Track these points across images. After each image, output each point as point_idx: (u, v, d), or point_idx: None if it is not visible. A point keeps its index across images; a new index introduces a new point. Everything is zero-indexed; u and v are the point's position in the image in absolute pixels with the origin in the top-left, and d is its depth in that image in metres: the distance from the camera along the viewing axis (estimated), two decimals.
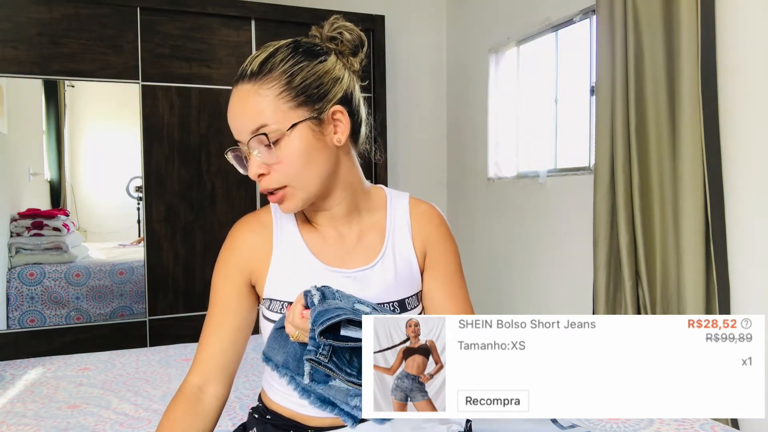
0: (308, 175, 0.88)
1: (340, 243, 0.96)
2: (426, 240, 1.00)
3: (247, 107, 0.86)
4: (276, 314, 0.93)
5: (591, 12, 2.54)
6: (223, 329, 0.96)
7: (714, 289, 1.92)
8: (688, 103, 1.92)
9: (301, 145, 0.86)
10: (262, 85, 0.85)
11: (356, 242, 0.97)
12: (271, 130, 0.84)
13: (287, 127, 0.85)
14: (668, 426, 1.26)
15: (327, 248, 0.96)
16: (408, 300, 0.97)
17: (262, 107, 0.85)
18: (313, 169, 0.88)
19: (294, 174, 0.87)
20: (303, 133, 0.86)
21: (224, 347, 0.96)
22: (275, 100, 0.85)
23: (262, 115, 0.85)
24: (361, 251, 0.96)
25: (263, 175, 0.88)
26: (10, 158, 2.73)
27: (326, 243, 0.96)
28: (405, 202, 1.02)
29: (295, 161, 0.86)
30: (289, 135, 0.85)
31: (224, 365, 0.96)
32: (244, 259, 0.95)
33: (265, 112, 0.85)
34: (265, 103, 0.85)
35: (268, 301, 0.95)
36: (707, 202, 1.92)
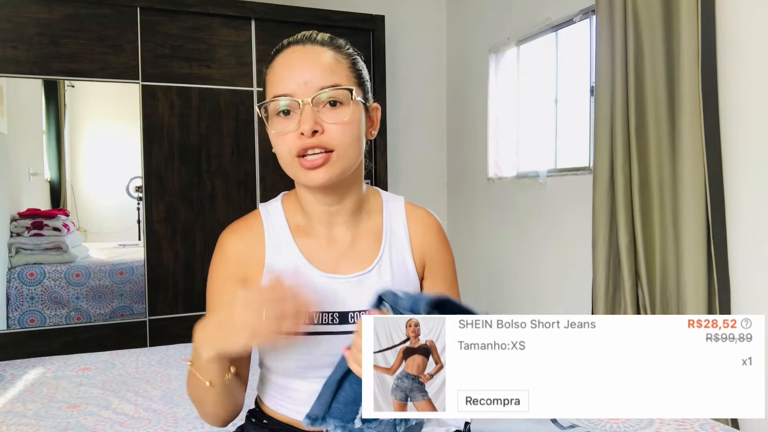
0: (354, 150, 0.88)
1: (334, 248, 0.95)
2: (425, 248, 1.00)
3: (323, 62, 0.86)
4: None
5: (591, 12, 2.54)
6: None
7: (714, 289, 1.92)
8: (688, 103, 1.92)
9: (359, 118, 0.89)
10: (338, 52, 0.89)
11: (351, 247, 0.95)
12: (342, 92, 0.86)
13: (354, 97, 0.87)
14: (668, 426, 1.26)
15: (321, 254, 0.94)
16: None
17: (339, 69, 0.87)
18: (358, 146, 0.89)
19: (347, 141, 0.86)
20: (360, 112, 0.89)
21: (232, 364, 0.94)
22: (348, 70, 0.88)
23: (337, 74, 0.86)
24: (356, 256, 0.95)
25: (316, 133, 0.84)
26: (10, 158, 2.73)
27: (320, 248, 0.95)
28: (401, 207, 1.01)
29: (353, 128, 0.87)
30: (354, 102, 0.87)
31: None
32: (239, 269, 0.93)
33: (341, 75, 0.87)
34: (341, 67, 0.88)
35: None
36: (707, 202, 1.92)
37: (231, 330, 0.76)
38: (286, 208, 0.97)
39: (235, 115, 2.91)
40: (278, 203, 0.98)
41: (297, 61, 0.87)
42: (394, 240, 0.98)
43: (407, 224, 0.99)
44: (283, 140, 0.86)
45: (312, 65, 0.86)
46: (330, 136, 0.85)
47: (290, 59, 0.87)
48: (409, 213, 1.01)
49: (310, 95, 0.84)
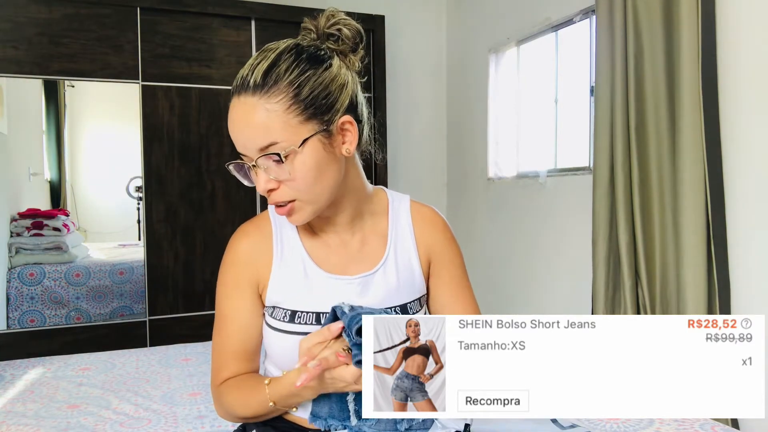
0: (319, 188, 0.86)
1: (342, 250, 0.95)
2: (431, 246, 1.00)
3: (254, 123, 0.81)
4: (279, 322, 0.92)
5: (591, 12, 2.53)
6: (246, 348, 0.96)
7: (714, 289, 1.92)
8: (688, 103, 1.92)
9: (312, 160, 0.83)
10: (269, 99, 0.81)
11: (358, 248, 0.96)
12: (281, 147, 0.81)
13: (298, 143, 0.82)
14: (668, 426, 1.26)
15: (329, 255, 0.95)
16: (410, 305, 0.96)
17: (271, 123, 0.81)
18: (324, 182, 0.86)
19: (305, 189, 0.85)
20: (314, 148, 0.83)
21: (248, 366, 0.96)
22: (284, 115, 0.81)
23: (271, 132, 0.81)
24: (362, 257, 0.95)
25: (273, 189, 0.85)
26: (10, 158, 2.73)
27: (328, 250, 0.95)
28: (406, 206, 1.01)
29: (307, 176, 0.83)
30: (300, 151, 0.82)
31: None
32: (250, 271, 0.94)
33: (275, 129, 0.81)
34: (273, 119, 0.81)
35: (271, 308, 0.94)
36: (707, 202, 1.92)
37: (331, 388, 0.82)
38: None
39: None
40: None
41: (234, 121, 0.84)
42: (400, 241, 0.98)
43: (413, 224, 1.00)
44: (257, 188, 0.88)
45: (245, 126, 0.82)
46: (284, 191, 0.85)
47: (231, 117, 0.85)
48: (414, 212, 1.01)
49: (253, 158, 0.83)
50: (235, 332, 0.95)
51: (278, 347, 0.92)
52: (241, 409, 0.92)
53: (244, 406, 0.92)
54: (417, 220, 1.00)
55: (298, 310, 0.91)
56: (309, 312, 0.91)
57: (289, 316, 0.91)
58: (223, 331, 0.95)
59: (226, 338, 0.95)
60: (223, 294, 0.95)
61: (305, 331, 0.89)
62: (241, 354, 0.95)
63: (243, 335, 0.95)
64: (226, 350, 0.95)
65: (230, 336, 0.95)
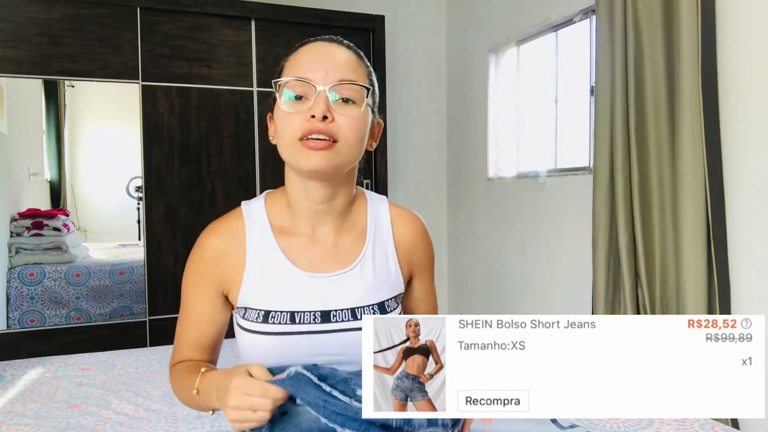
0: (357, 148, 0.90)
1: (316, 247, 0.95)
2: (413, 250, 1.02)
3: (346, 59, 0.90)
4: (252, 323, 0.91)
5: (591, 12, 2.54)
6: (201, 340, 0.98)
7: (714, 289, 1.92)
8: (688, 103, 1.92)
9: (366, 122, 0.90)
10: (359, 59, 0.93)
11: (333, 246, 0.95)
12: (359, 90, 0.88)
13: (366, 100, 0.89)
14: (668, 426, 1.26)
15: (303, 253, 0.94)
16: (387, 302, 0.96)
17: (360, 70, 0.91)
18: (360, 146, 0.91)
19: (352, 135, 0.88)
20: (368, 116, 0.91)
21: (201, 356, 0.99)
22: (365, 76, 0.91)
23: (357, 74, 0.89)
24: (338, 255, 0.95)
25: (326, 119, 0.85)
26: (10, 158, 2.73)
27: (302, 248, 0.94)
28: (385, 207, 1.02)
29: (360, 126, 0.89)
30: (366, 105, 0.89)
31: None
32: (216, 270, 0.93)
33: (360, 75, 0.90)
34: (361, 70, 0.91)
35: (243, 309, 0.93)
36: (707, 202, 1.92)
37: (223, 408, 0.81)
38: (270, 207, 0.97)
39: (235, 115, 2.91)
40: (261, 202, 0.98)
41: (321, 52, 0.90)
42: (378, 240, 0.98)
43: (392, 225, 1.00)
44: (289, 121, 0.86)
45: (335, 59, 0.89)
46: (338, 126, 0.87)
47: (315, 50, 0.90)
48: (395, 215, 1.02)
49: (330, 84, 0.86)
50: (192, 324, 0.98)
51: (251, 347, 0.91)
52: (179, 392, 0.97)
53: (181, 388, 0.95)
54: (398, 222, 1.01)
55: (272, 310, 0.90)
56: (283, 311, 0.90)
57: (263, 317, 0.90)
58: (183, 321, 0.99)
59: (184, 328, 0.99)
60: (186, 287, 0.98)
61: (279, 330, 0.89)
62: (196, 344, 0.98)
63: (200, 328, 0.98)
64: (183, 338, 0.99)
65: (188, 327, 0.98)
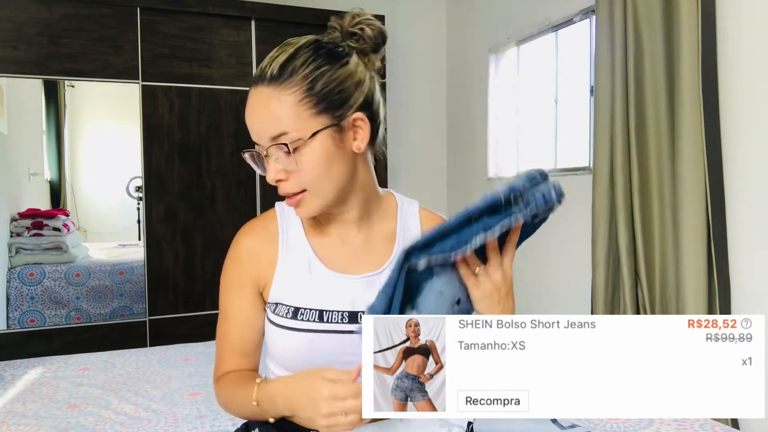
0: (327, 182, 0.87)
1: (347, 248, 0.96)
2: None
3: (267, 112, 0.84)
4: (282, 318, 0.92)
5: (591, 12, 2.53)
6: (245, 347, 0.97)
7: (714, 289, 1.92)
8: (688, 103, 1.92)
9: (321, 154, 0.85)
10: (282, 90, 0.84)
11: (364, 248, 0.96)
12: (291, 138, 0.83)
13: (308, 135, 0.84)
14: (668, 426, 1.26)
15: (334, 253, 0.95)
16: None
17: (283, 114, 0.83)
18: (332, 176, 0.87)
19: (313, 181, 0.86)
20: (323, 141, 0.85)
21: (247, 362, 0.98)
22: (296, 106, 0.83)
23: (282, 122, 0.83)
24: (369, 257, 0.96)
25: (282, 180, 0.87)
26: (10, 158, 2.73)
27: (333, 248, 0.96)
28: (415, 211, 1.02)
29: (315, 169, 0.85)
30: (309, 143, 0.84)
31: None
32: (252, 267, 0.95)
33: (286, 120, 0.83)
34: (285, 110, 0.83)
35: (273, 305, 0.95)
36: (707, 202, 1.92)
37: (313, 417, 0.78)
38: None
39: (235, 115, 2.91)
40: None
41: (251, 109, 0.87)
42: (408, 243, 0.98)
43: (421, 229, 1.00)
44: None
45: (259, 116, 0.86)
46: (296, 180, 0.86)
47: (248, 106, 0.88)
48: (424, 218, 1.02)
49: (265, 146, 0.86)
50: (234, 329, 0.97)
51: (280, 343, 0.93)
52: (231, 404, 0.95)
53: (233, 401, 0.94)
54: (426, 225, 1.01)
55: (301, 307, 0.92)
56: (312, 309, 0.92)
57: (292, 313, 0.92)
58: (223, 327, 0.98)
59: (226, 334, 0.97)
60: (225, 291, 0.97)
61: (308, 328, 0.90)
62: (240, 350, 0.97)
63: (242, 332, 0.96)
64: (226, 346, 0.98)
65: (230, 332, 0.97)
